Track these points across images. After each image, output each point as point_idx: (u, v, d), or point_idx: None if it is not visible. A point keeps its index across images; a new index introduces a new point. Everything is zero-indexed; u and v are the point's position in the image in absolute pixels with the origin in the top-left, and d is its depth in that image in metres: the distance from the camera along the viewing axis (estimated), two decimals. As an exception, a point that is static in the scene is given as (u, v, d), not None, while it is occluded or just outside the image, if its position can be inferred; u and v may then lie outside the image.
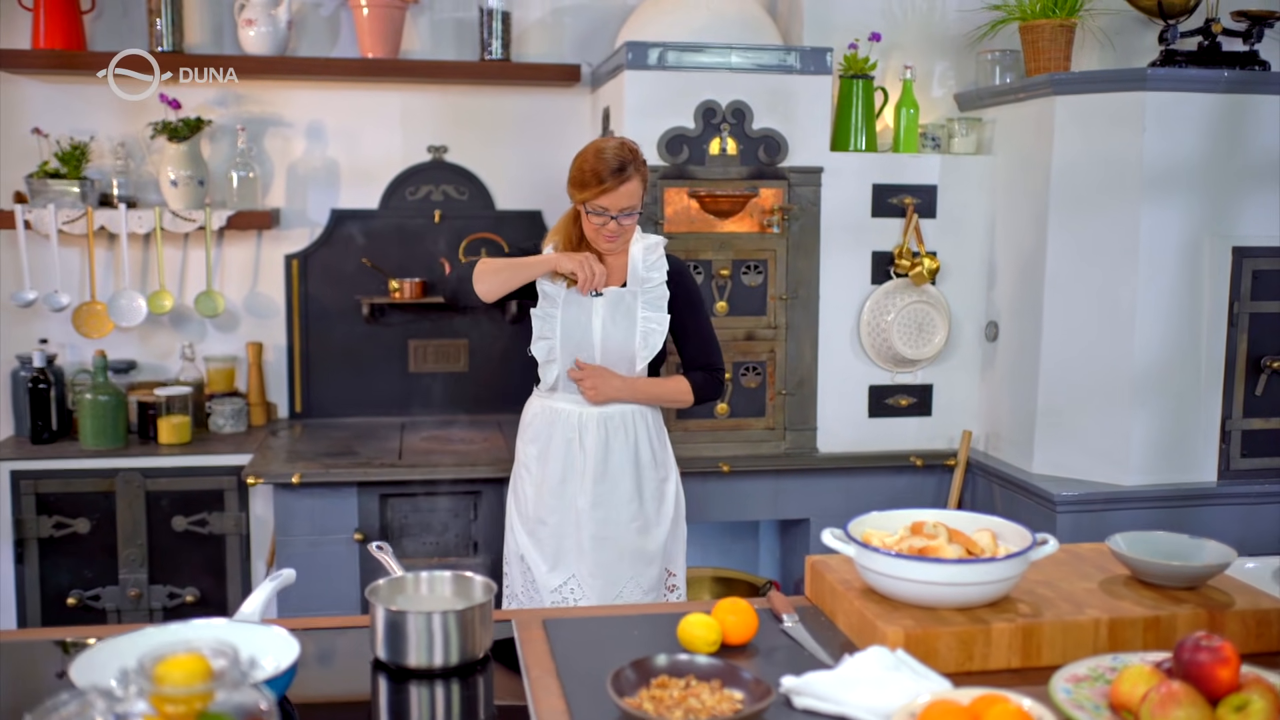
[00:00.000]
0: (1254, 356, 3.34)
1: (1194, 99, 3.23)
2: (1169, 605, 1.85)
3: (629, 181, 2.70)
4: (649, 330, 2.81)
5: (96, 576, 3.63)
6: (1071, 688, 1.57)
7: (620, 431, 2.83)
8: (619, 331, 2.80)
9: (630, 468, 2.83)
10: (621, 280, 2.86)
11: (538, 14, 4.14)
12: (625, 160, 2.71)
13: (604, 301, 2.80)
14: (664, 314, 2.83)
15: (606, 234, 2.75)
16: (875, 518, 2.02)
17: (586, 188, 2.71)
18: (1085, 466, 3.38)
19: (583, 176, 2.74)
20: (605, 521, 2.82)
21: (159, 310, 3.89)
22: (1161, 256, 3.28)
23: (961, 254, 3.73)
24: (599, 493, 2.82)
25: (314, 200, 4.10)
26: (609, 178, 2.68)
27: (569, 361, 2.82)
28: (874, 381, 3.74)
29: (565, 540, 2.86)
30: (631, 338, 2.80)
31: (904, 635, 1.73)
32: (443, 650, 1.74)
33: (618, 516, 2.83)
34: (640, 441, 2.86)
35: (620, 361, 2.82)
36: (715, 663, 1.64)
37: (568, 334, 2.80)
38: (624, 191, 2.70)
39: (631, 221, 2.77)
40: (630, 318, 2.81)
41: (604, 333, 2.80)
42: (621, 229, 2.76)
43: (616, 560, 2.83)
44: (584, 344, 2.81)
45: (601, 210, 2.72)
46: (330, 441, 3.81)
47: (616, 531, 2.84)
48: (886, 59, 3.81)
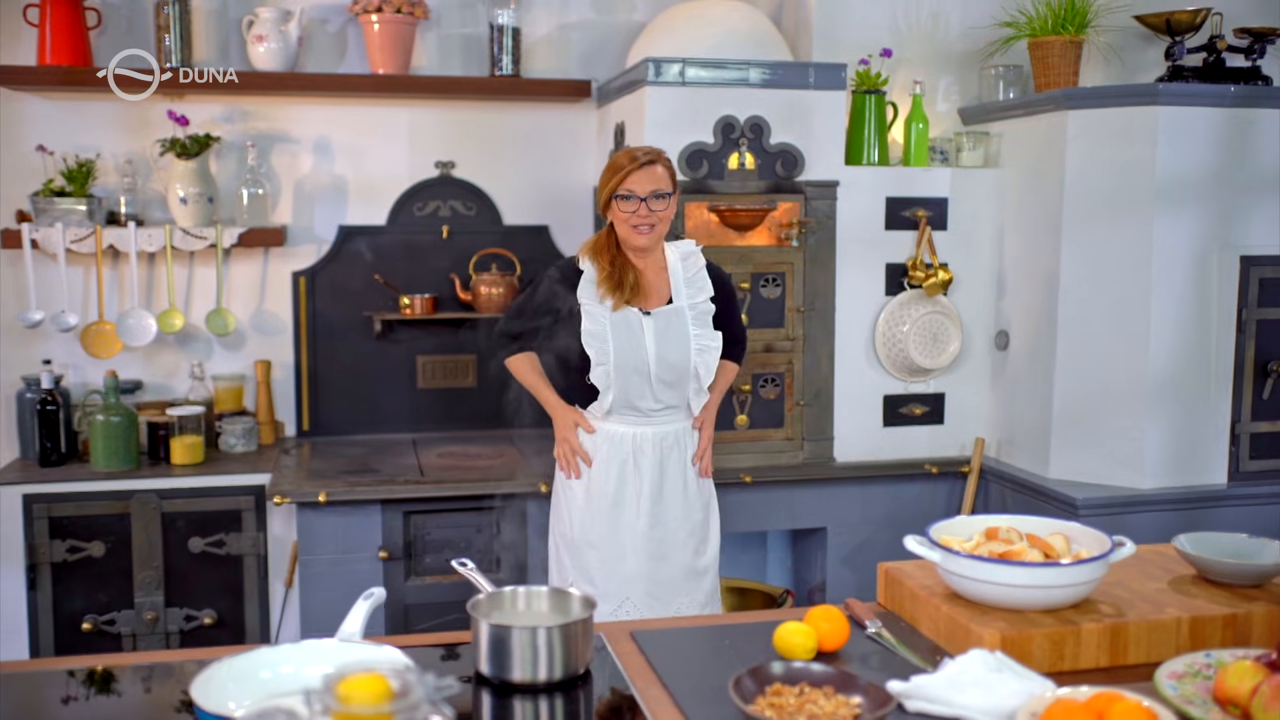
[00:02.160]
0: (1261, 361, 3.44)
1: (1203, 113, 3.33)
2: (1243, 603, 1.91)
3: (653, 165, 2.78)
4: (704, 348, 2.84)
5: (111, 600, 3.57)
6: (1176, 684, 1.62)
7: (674, 450, 2.86)
8: (673, 351, 2.81)
9: (682, 485, 2.86)
10: (666, 297, 2.87)
11: (544, 30, 4.16)
12: (649, 151, 2.82)
13: (653, 321, 2.81)
14: (715, 332, 2.86)
15: (637, 220, 2.77)
16: (949, 524, 2.07)
17: (614, 176, 2.78)
18: (1102, 471, 3.45)
19: (610, 170, 2.82)
20: (663, 541, 2.85)
21: (169, 329, 3.85)
22: (1173, 266, 3.37)
23: (971, 265, 3.80)
24: (656, 513, 2.85)
25: (321, 217, 4.08)
26: (631, 162, 2.78)
27: (626, 385, 2.82)
28: (888, 391, 3.80)
29: (618, 565, 2.87)
30: (686, 356, 2.81)
31: (1000, 637, 1.77)
32: (547, 664, 1.75)
33: (674, 535, 2.85)
34: (689, 457, 2.89)
35: (679, 380, 2.84)
36: (828, 669, 1.67)
37: (622, 358, 2.80)
38: (648, 173, 2.76)
39: (663, 208, 2.79)
40: (683, 336, 2.82)
41: (657, 353, 2.80)
42: (653, 214, 2.78)
43: (672, 579, 2.85)
44: (639, 366, 2.81)
45: (629, 193, 2.76)
46: (345, 460, 3.79)
47: (673, 550, 2.86)
48: (893, 74, 3.88)
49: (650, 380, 2.82)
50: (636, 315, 2.81)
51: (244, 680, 1.63)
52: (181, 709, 1.67)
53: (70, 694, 1.76)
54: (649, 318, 2.80)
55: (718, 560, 3.01)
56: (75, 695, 1.76)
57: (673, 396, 2.87)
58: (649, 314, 2.81)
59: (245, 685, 1.62)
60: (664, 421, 2.90)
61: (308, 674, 1.65)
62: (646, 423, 2.86)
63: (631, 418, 2.86)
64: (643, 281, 2.87)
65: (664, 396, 2.86)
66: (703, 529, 2.91)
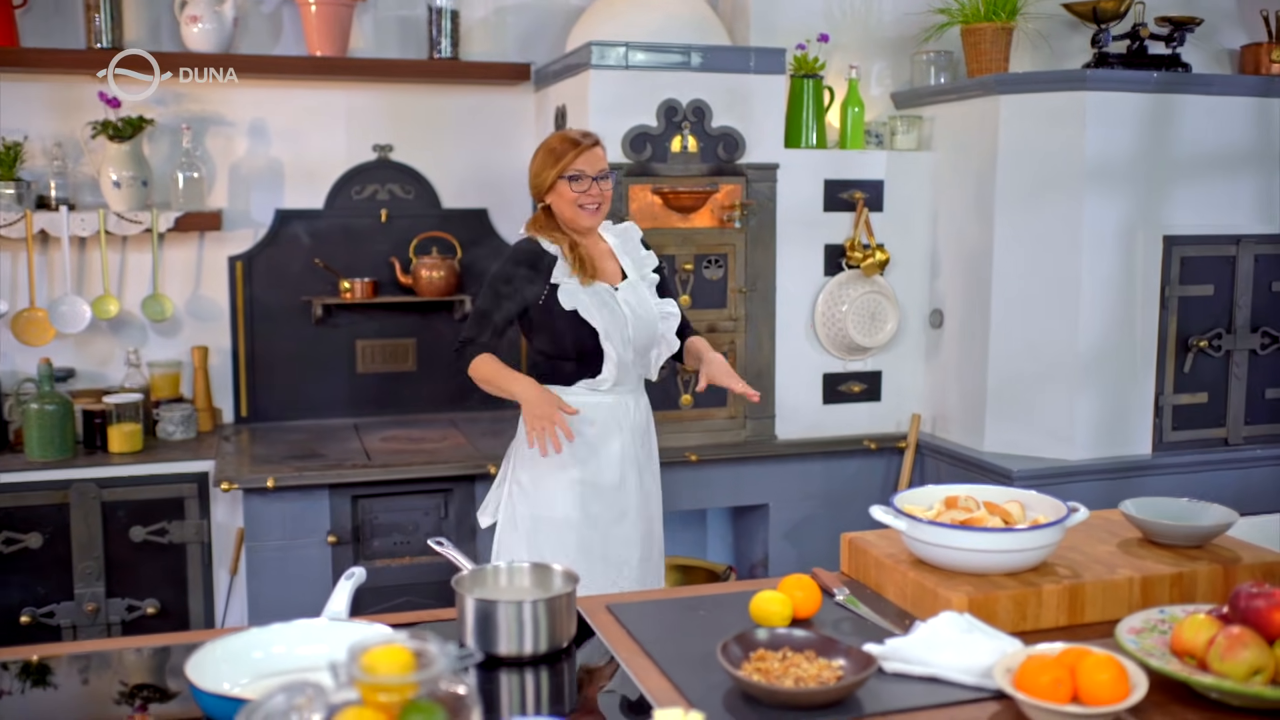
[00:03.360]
0: (1182, 337, 3.60)
1: (1128, 98, 3.46)
2: (1188, 563, 2.02)
3: (596, 147, 2.83)
4: (666, 314, 2.90)
5: (50, 593, 3.50)
6: (1136, 639, 1.71)
7: (649, 420, 2.97)
8: (644, 320, 2.85)
9: (649, 454, 2.93)
10: (619, 274, 2.90)
11: (481, 13, 4.16)
12: (587, 133, 2.86)
13: (621, 293, 2.84)
14: (670, 299, 2.94)
15: (588, 199, 2.79)
16: (911, 494, 2.14)
17: (562, 157, 2.79)
18: (1034, 443, 3.58)
19: (552, 153, 2.81)
20: (647, 506, 2.91)
21: (103, 315, 3.78)
22: (1101, 245, 3.51)
23: (906, 246, 3.90)
24: (644, 481, 2.91)
25: (258, 200, 4.03)
26: (577, 143, 2.80)
27: (625, 351, 2.82)
28: (827, 369, 3.89)
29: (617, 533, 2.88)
30: (655, 324, 2.87)
31: (967, 600, 1.85)
32: (532, 638, 1.78)
33: (655, 502, 2.94)
34: (650, 427, 2.98)
35: (650, 345, 2.88)
36: (809, 635, 1.73)
37: (612, 325, 2.79)
38: (594, 154, 2.81)
39: (609, 186, 2.84)
40: (647, 305, 2.87)
41: (634, 322, 2.82)
42: (602, 193, 2.82)
43: (658, 546, 2.95)
44: (624, 336, 2.82)
45: (580, 173, 2.78)
46: (288, 445, 3.76)
47: (656, 517, 2.96)
48: (828, 59, 3.95)
49: (632, 349, 2.84)
50: (607, 289, 2.82)
51: (236, 660, 1.64)
52: (121, 700, 1.65)
53: (4, 688, 1.70)
54: (619, 291, 2.84)
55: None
56: (9, 690, 1.70)
57: (642, 367, 2.92)
58: (618, 288, 2.84)
59: (238, 665, 1.63)
60: (640, 392, 2.96)
61: (299, 653, 1.67)
62: (630, 393, 2.89)
63: (626, 387, 2.88)
64: (597, 257, 2.90)
65: (639, 367, 2.91)
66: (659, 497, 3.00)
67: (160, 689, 1.74)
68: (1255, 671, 1.57)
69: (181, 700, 1.63)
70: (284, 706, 1.20)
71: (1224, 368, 3.67)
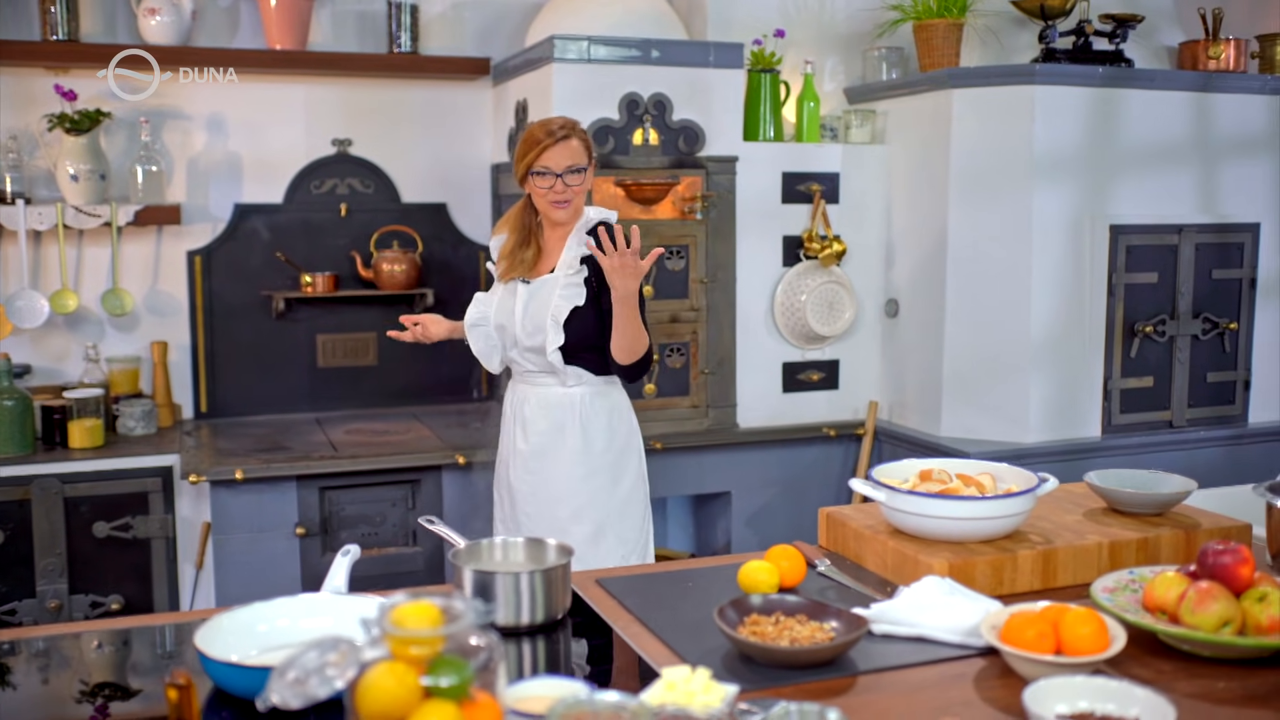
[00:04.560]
0: (1129, 322, 3.73)
1: (1074, 92, 3.59)
2: (1151, 529, 2.11)
3: (569, 140, 2.75)
4: (555, 317, 2.78)
5: (11, 590, 3.46)
6: (1110, 596, 1.80)
7: (560, 412, 2.92)
8: (533, 318, 2.81)
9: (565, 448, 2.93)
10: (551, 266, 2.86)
11: (439, 8, 4.18)
12: (565, 124, 2.78)
13: (527, 289, 2.84)
14: (575, 305, 2.79)
15: (554, 195, 2.75)
16: (886, 469, 2.21)
17: (530, 150, 2.75)
18: (989, 428, 3.69)
19: (525, 144, 2.78)
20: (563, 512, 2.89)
21: (62, 310, 3.74)
22: (1050, 235, 3.63)
23: (862, 237, 3.99)
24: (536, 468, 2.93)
25: (216, 195, 4.02)
26: (548, 136, 2.74)
27: (498, 337, 2.90)
28: (786, 359, 3.97)
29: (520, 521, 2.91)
30: (543, 323, 2.80)
31: (948, 566, 1.92)
32: (529, 608, 1.82)
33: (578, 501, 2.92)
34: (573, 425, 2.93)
35: (538, 345, 2.81)
36: (800, 600, 1.79)
37: (500, 323, 2.88)
38: (564, 148, 2.74)
39: (578, 182, 2.77)
40: (544, 304, 2.81)
41: (521, 319, 2.82)
42: (569, 189, 2.76)
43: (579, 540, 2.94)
44: (508, 332, 2.86)
45: (545, 170, 2.73)
46: (252, 439, 3.75)
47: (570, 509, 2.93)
48: (784, 54, 4.03)
49: (520, 350, 2.85)
50: (516, 284, 2.85)
51: (242, 633, 1.66)
52: (81, 699, 1.61)
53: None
54: (526, 285, 2.84)
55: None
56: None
57: (540, 362, 2.85)
58: (528, 282, 2.84)
59: (244, 638, 1.65)
60: (545, 385, 2.88)
61: (304, 626, 1.69)
62: (530, 385, 2.90)
63: (520, 380, 2.93)
64: (545, 249, 2.88)
65: (533, 360, 2.86)
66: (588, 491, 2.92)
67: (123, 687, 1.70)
68: (1225, 623, 1.65)
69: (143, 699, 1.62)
70: (318, 662, 1.23)
71: (1168, 352, 3.81)
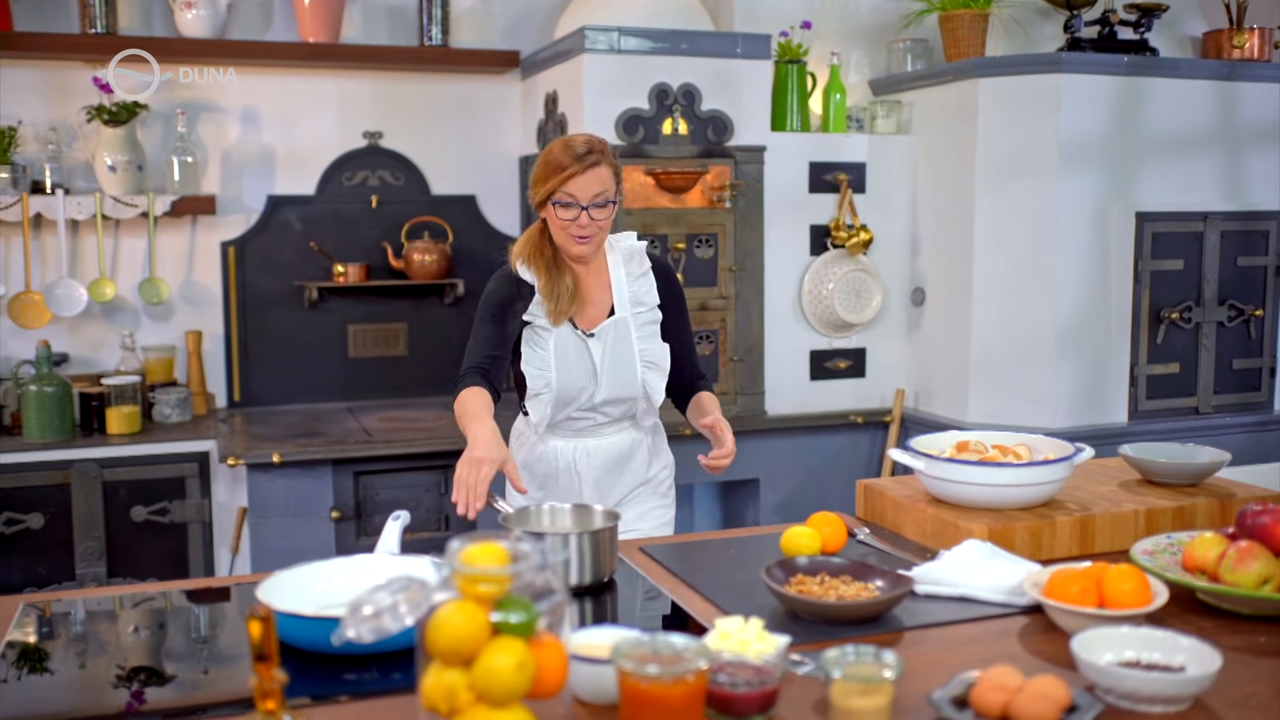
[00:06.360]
0: (1155, 309, 3.76)
1: (1100, 81, 3.61)
2: (1186, 498, 2.14)
3: (597, 166, 2.38)
4: (650, 364, 2.52)
5: (51, 573, 3.51)
6: (1150, 558, 1.83)
7: (625, 460, 2.61)
8: (620, 370, 2.50)
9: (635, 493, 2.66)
10: (607, 308, 2.52)
11: (469, 2, 4.23)
12: (593, 146, 2.41)
13: (597, 342, 2.49)
14: (663, 344, 2.55)
15: (577, 229, 2.39)
16: (923, 440, 2.25)
17: (552, 176, 2.39)
18: (1016, 414, 3.72)
19: (547, 166, 2.41)
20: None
21: (100, 299, 3.80)
22: (1076, 223, 3.65)
23: (888, 226, 4.03)
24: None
25: (250, 186, 4.07)
26: (574, 162, 2.37)
27: (565, 403, 2.50)
28: (814, 346, 4.00)
29: None
30: (634, 375, 2.51)
31: (988, 531, 1.96)
32: (578, 570, 1.86)
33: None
34: (643, 465, 2.65)
35: (625, 401, 2.53)
36: (844, 561, 1.82)
37: (565, 383, 2.48)
38: (593, 176, 2.37)
39: (604, 215, 2.41)
40: (628, 352, 2.51)
41: (606, 377, 2.49)
42: (594, 223, 2.39)
43: None
44: (585, 393, 2.49)
45: (570, 200, 2.37)
46: (286, 426, 3.80)
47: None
48: (810, 46, 4.07)
49: (595, 407, 2.51)
50: (579, 338, 2.49)
51: (302, 591, 1.70)
52: (118, 684, 1.59)
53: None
54: (593, 339, 2.48)
55: None
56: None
57: (618, 411, 2.56)
58: (592, 335, 2.48)
59: (304, 595, 1.70)
60: (610, 434, 2.58)
61: (359, 584, 1.73)
62: (589, 436, 2.57)
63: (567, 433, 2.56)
64: (581, 288, 2.50)
65: (610, 411, 2.55)
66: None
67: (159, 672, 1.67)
68: (1264, 580, 1.68)
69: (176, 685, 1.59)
70: (390, 600, 1.27)
71: (1194, 339, 3.83)
